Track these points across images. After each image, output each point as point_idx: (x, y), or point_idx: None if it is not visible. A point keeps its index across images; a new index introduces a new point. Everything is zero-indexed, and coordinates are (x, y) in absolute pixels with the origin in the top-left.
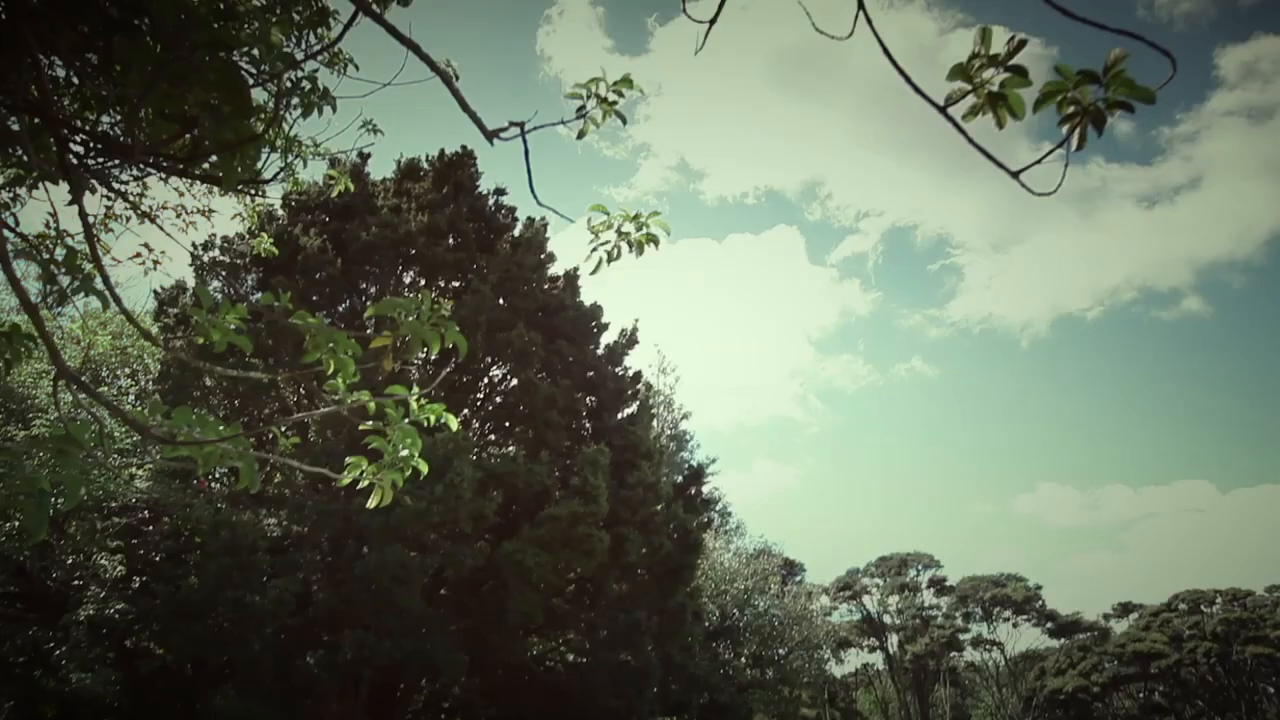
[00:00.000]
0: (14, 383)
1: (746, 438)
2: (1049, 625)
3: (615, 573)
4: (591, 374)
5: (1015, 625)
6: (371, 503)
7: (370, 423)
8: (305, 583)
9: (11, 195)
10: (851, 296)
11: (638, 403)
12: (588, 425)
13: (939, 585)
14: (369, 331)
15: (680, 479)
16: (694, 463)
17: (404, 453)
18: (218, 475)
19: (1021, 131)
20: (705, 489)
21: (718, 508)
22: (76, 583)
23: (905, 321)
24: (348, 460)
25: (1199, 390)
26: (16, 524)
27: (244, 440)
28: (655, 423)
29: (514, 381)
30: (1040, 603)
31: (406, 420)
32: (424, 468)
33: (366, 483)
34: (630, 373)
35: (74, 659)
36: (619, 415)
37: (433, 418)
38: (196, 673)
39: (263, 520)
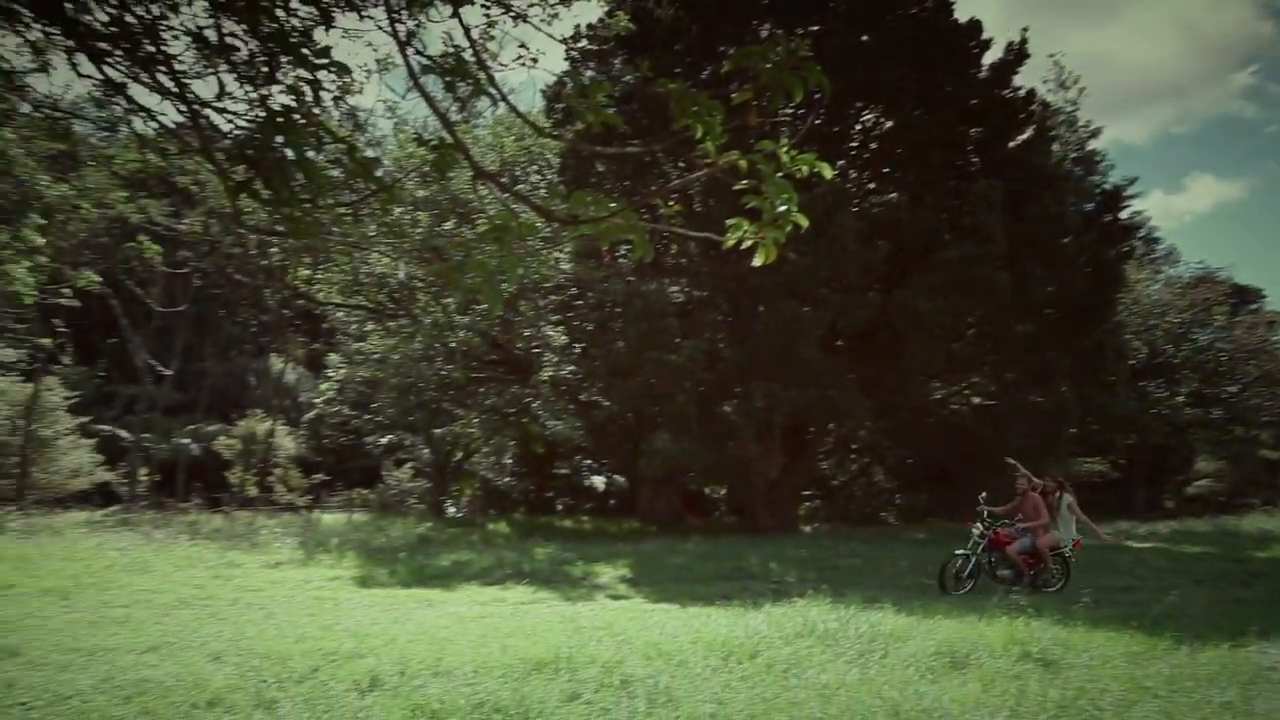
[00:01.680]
0: (456, 189)
1: (1176, 149)
2: None
3: (1018, 314)
4: (975, 102)
5: None
6: (756, 261)
7: (745, 182)
8: (712, 341)
9: (416, 23)
10: None
11: (1032, 126)
12: (975, 159)
13: None
14: (732, 94)
15: (1091, 206)
16: (1107, 186)
17: (781, 208)
18: (621, 251)
19: None
20: (1123, 214)
21: (1140, 234)
22: (535, 350)
23: None
24: (729, 222)
25: None
26: (484, 305)
27: (632, 213)
28: (1055, 146)
29: (888, 124)
30: None
31: (779, 175)
32: (803, 221)
33: (750, 242)
34: (1021, 93)
35: (546, 410)
36: (1011, 143)
37: (805, 169)
38: (638, 419)
39: (667, 288)
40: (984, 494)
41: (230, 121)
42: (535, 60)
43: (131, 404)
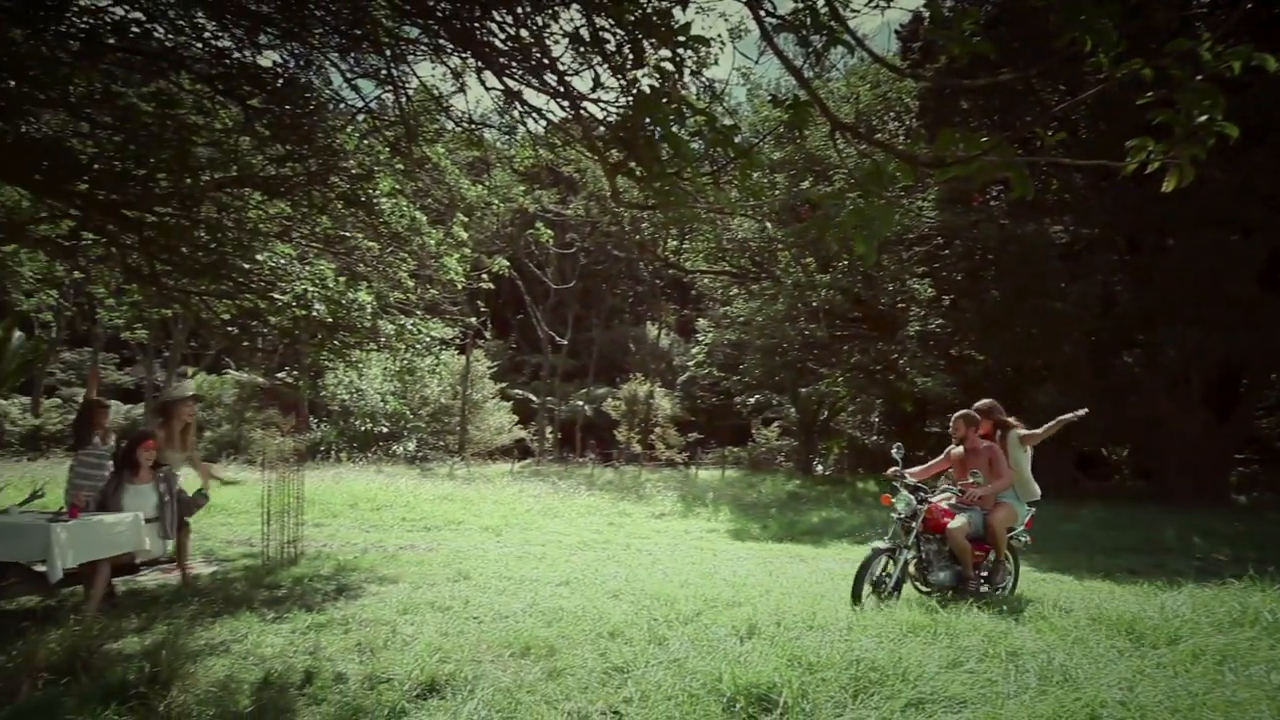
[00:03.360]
0: (812, 147)
1: None
2: None
3: None
4: None
5: None
6: (1167, 186)
7: (1149, 95)
8: (1104, 284)
9: None
10: None
11: None
12: None
13: None
14: None
15: None
16: None
17: (1201, 118)
18: (992, 192)
19: None
20: None
21: None
22: (900, 305)
23: None
24: (1129, 144)
25: None
26: (845, 262)
27: (1007, 147)
28: None
29: None
30: None
31: (1198, 78)
32: (1232, 131)
33: (1155, 165)
34: None
35: (914, 366)
36: None
37: (1236, 66)
38: (1018, 374)
39: (1049, 228)
40: (897, 445)
41: (604, 109)
42: (889, 1)
43: (537, 371)
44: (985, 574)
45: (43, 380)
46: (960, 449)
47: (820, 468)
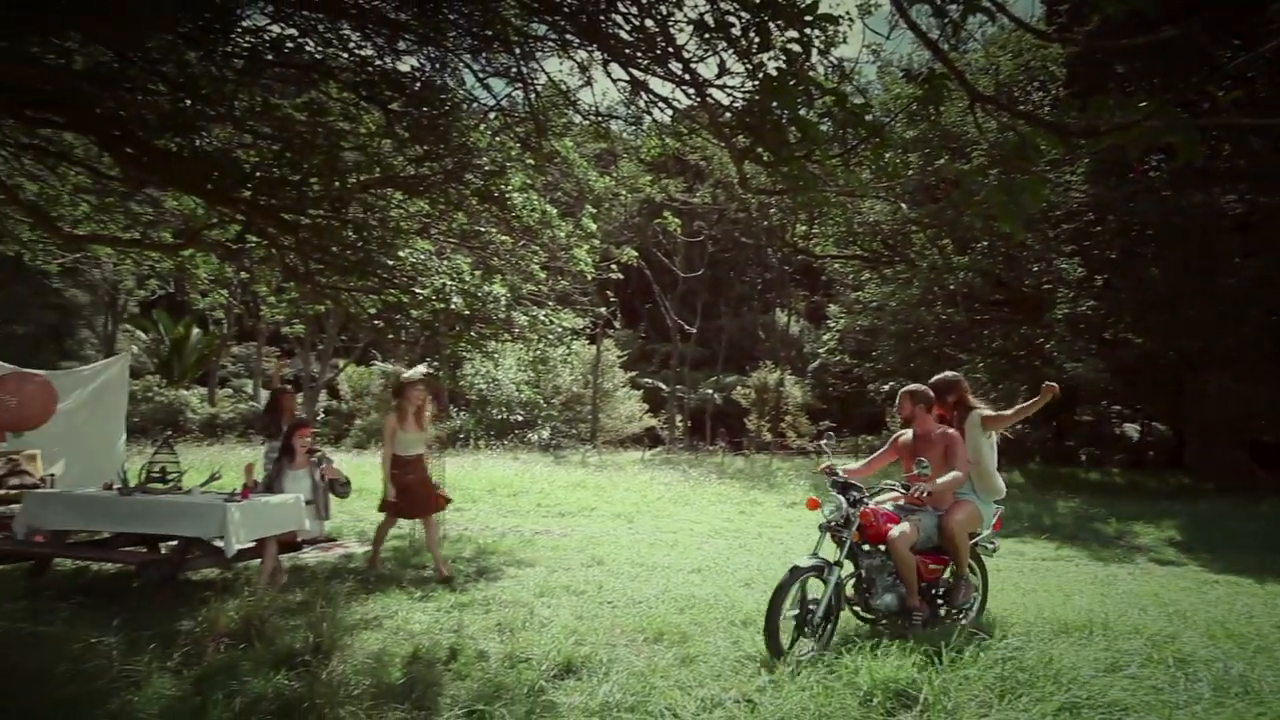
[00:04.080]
0: (947, 123)
1: None
2: None
3: None
4: None
5: None
6: None
7: None
8: None
9: None
10: None
11: None
12: None
13: None
14: None
15: None
16: None
17: None
18: (1150, 162)
19: None
20: None
21: None
22: (1046, 286)
23: None
24: None
25: None
26: (985, 243)
27: (1171, 109)
28: None
29: None
30: None
31: None
32: None
33: None
34: None
35: (1062, 351)
36: None
37: None
38: (1182, 358)
39: (1219, 199)
40: (828, 432)
41: (730, 95)
42: None
43: (666, 359)
44: (942, 593)
45: (217, 372)
46: (909, 435)
47: None
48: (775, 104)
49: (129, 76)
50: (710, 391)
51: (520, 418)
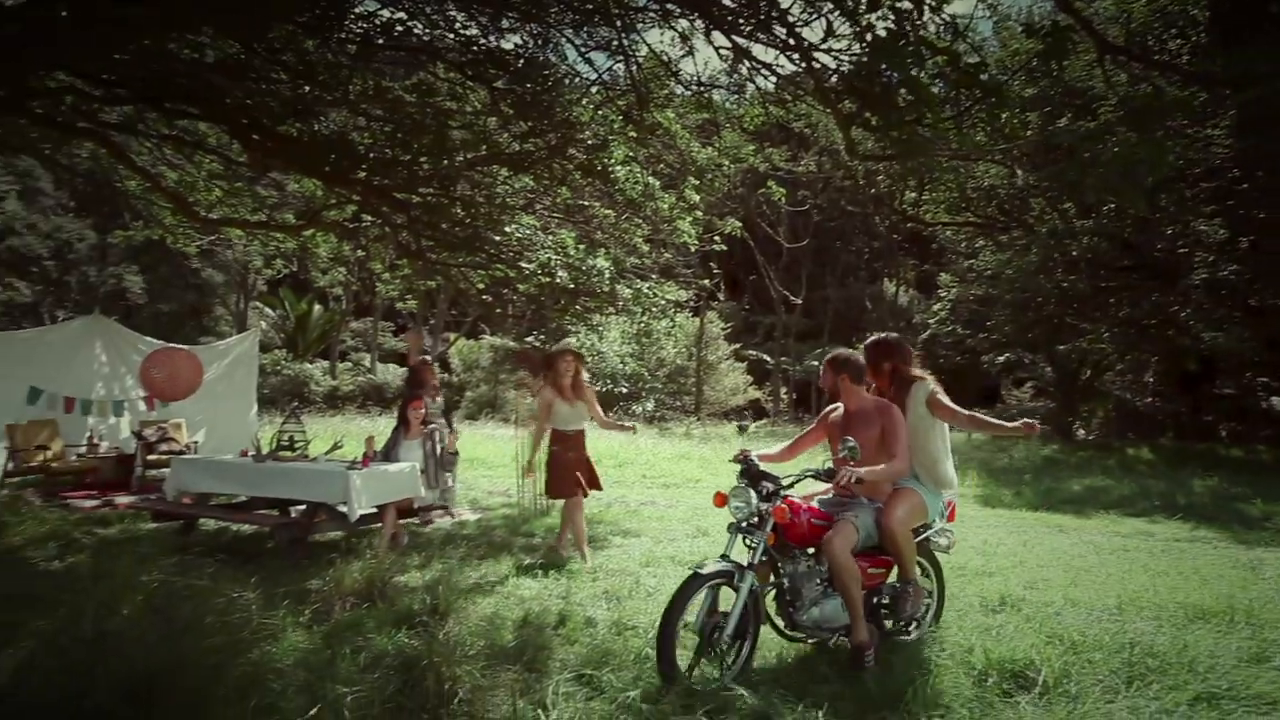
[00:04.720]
0: (1071, 78)
1: None
2: None
3: None
4: None
5: None
6: None
7: None
8: None
9: None
10: None
11: None
12: None
13: None
14: None
15: None
16: None
17: None
18: None
19: None
20: None
21: None
22: (1181, 250)
23: None
24: None
25: None
26: (1111, 206)
27: None
28: None
29: None
30: None
31: None
32: None
33: None
34: None
35: (1199, 319)
36: None
37: None
38: None
39: None
40: (746, 415)
41: (837, 59)
42: None
43: (770, 331)
44: (886, 603)
45: (337, 346)
46: (839, 412)
47: (1081, 432)
48: (884, 66)
49: (254, 67)
50: (816, 363)
51: (625, 390)
